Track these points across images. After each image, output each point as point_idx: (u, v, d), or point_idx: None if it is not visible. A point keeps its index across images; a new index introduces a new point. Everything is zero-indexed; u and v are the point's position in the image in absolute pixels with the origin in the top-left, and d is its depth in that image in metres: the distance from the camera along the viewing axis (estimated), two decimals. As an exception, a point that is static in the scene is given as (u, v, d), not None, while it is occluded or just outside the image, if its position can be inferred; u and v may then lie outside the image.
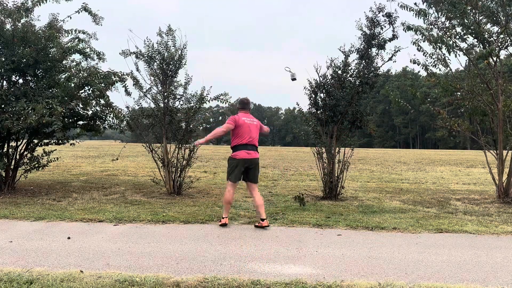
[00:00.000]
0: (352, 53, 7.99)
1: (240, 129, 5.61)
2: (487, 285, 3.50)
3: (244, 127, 5.61)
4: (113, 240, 4.79)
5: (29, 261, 3.96)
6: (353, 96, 7.78)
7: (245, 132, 5.60)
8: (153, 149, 8.37)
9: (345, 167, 7.98)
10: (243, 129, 5.61)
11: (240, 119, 5.63)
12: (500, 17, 7.46)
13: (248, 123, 5.65)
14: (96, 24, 8.80)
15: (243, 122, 5.63)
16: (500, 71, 7.78)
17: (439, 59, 7.94)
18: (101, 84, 8.21)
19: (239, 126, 5.62)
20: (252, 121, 5.75)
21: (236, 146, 5.62)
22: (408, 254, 4.39)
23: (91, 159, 20.54)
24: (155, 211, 6.49)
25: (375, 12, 7.77)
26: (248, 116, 5.75)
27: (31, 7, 8.13)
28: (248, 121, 5.67)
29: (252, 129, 5.66)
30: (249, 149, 5.58)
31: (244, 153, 5.55)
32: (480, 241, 5.03)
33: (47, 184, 9.93)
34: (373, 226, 5.66)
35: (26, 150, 8.68)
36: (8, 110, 7.22)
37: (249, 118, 5.74)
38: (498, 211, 7.02)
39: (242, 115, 5.72)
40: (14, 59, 7.53)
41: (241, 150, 5.56)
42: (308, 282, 3.43)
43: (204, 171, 14.43)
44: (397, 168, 18.77)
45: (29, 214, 6.10)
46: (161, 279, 3.43)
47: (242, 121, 5.62)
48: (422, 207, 7.36)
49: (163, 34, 8.28)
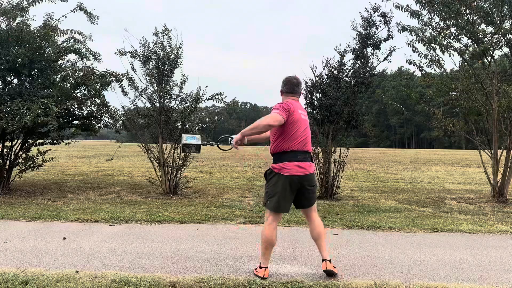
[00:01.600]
0: (348, 53, 8.03)
1: (294, 126, 3.52)
2: (482, 284, 3.52)
3: (300, 124, 3.56)
4: (109, 240, 4.77)
5: (24, 262, 3.94)
6: (349, 96, 7.80)
7: (298, 132, 3.54)
8: (149, 149, 8.36)
9: (341, 167, 8.00)
10: (298, 127, 3.54)
11: (296, 110, 3.55)
12: (494, 17, 7.50)
13: (303, 118, 3.63)
14: (92, 24, 8.78)
15: (299, 117, 3.56)
16: (495, 71, 7.82)
17: (433, 60, 7.98)
18: (97, 84, 8.19)
19: (293, 122, 3.52)
20: (306, 115, 3.72)
21: (281, 154, 3.54)
22: (404, 253, 4.41)
23: (87, 159, 20.48)
24: (151, 211, 6.47)
25: (370, 12, 7.80)
26: (301, 108, 3.68)
27: (27, 6, 8.09)
28: (303, 116, 3.64)
29: (307, 127, 3.66)
30: (302, 159, 3.53)
31: (296, 166, 3.50)
32: (475, 240, 5.06)
33: (42, 184, 9.88)
34: (369, 225, 5.68)
35: (21, 150, 8.64)
36: (3, 110, 7.18)
37: (302, 110, 3.68)
38: (493, 210, 7.07)
39: (294, 103, 3.59)
40: (9, 58, 7.50)
41: (290, 161, 3.50)
42: (304, 282, 3.44)
43: (200, 171, 14.42)
44: (393, 167, 18.84)
45: (24, 215, 6.07)
46: (157, 279, 3.43)
47: (298, 115, 3.55)
48: (417, 207, 7.39)
49: (159, 33, 8.27)
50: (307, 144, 3.60)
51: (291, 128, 3.50)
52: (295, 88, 3.68)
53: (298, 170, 3.49)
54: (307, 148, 3.59)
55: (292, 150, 3.50)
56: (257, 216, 6.25)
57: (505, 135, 7.92)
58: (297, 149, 3.51)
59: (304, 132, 3.57)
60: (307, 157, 3.57)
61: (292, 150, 3.50)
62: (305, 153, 3.56)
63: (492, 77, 7.77)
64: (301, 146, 3.53)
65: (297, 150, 3.51)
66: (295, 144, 3.50)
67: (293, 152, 3.50)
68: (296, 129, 3.52)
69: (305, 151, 3.56)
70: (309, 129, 3.67)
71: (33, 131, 8.32)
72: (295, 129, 3.51)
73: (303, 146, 3.55)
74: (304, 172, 3.50)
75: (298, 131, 3.52)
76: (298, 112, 3.56)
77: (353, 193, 9.14)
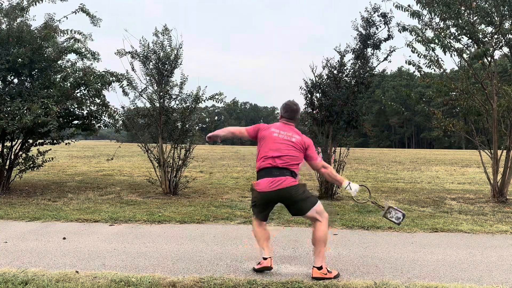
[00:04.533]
0: (348, 53, 8.04)
1: (262, 142, 3.73)
2: (482, 284, 3.52)
3: (268, 141, 3.70)
4: (108, 240, 4.77)
5: (24, 262, 3.94)
6: (348, 96, 7.81)
7: (268, 148, 3.67)
8: (149, 149, 8.35)
9: (341, 167, 8.01)
10: (266, 143, 3.70)
11: (269, 128, 3.79)
12: (494, 18, 7.51)
13: (276, 136, 3.70)
14: (94, 25, 8.76)
15: (269, 134, 3.72)
16: (495, 71, 7.83)
17: (432, 61, 7.98)
18: (97, 84, 8.19)
19: (261, 137, 3.76)
20: (289, 136, 3.72)
21: (258, 170, 3.72)
22: (404, 253, 4.41)
23: (87, 159, 20.48)
24: (151, 211, 6.47)
25: (371, 12, 7.81)
26: (284, 128, 3.78)
27: (27, 6, 8.08)
28: (279, 135, 3.71)
29: (282, 145, 3.66)
30: (275, 175, 3.58)
31: (265, 182, 3.59)
32: (475, 240, 5.06)
33: (42, 184, 9.88)
34: (369, 225, 5.68)
35: (21, 150, 8.64)
36: (3, 110, 7.18)
37: (285, 131, 3.75)
38: (492, 210, 7.07)
39: (276, 125, 3.86)
40: (9, 58, 7.49)
41: (261, 178, 3.64)
42: (304, 282, 3.44)
43: (200, 171, 14.42)
44: (393, 167, 18.84)
45: (24, 215, 6.07)
46: (157, 279, 3.43)
47: (269, 132, 3.74)
48: (417, 207, 7.40)
49: (159, 33, 8.26)
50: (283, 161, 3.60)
51: (260, 144, 3.75)
52: (288, 114, 3.86)
53: (266, 186, 3.58)
54: (282, 165, 3.59)
55: (263, 166, 3.63)
56: (257, 216, 6.25)
57: (505, 135, 7.92)
58: (268, 166, 3.60)
59: (277, 150, 3.62)
60: (281, 172, 3.58)
61: (263, 167, 3.63)
62: (278, 169, 3.59)
63: (492, 77, 7.78)
64: (271, 162, 3.60)
65: (268, 166, 3.60)
66: (265, 161, 3.62)
67: (264, 170, 3.63)
68: (265, 145, 3.69)
69: (277, 167, 3.59)
70: (286, 146, 3.65)
71: (33, 131, 8.31)
72: (263, 146, 3.70)
73: (273, 162, 3.59)
74: (272, 187, 3.56)
75: (266, 147, 3.67)
76: (271, 130, 3.75)
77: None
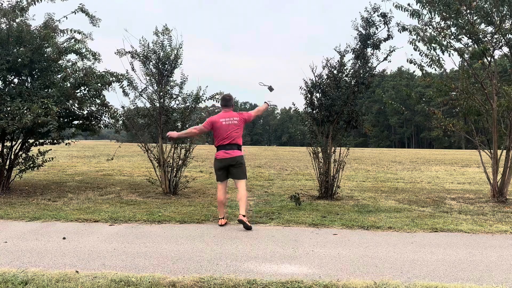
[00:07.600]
0: (348, 53, 8.03)
1: (218, 131, 5.61)
2: (482, 284, 3.52)
3: (221, 129, 5.59)
4: (108, 240, 4.78)
5: (24, 262, 3.94)
6: (348, 96, 7.80)
7: (222, 133, 5.58)
8: (149, 148, 8.36)
9: (341, 167, 8.00)
10: (221, 131, 5.59)
11: (218, 121, 5.61)
12: (494, 17, 7.51)
13: (226, 124, 5.58)
14: (93, 26, 8.76)
15: (220, 125, 5.59)
16: (495, 71, 7.83)
17: (433, 60, 7.98)
18: (98, 84, 8.19)
19: (216, 128, 5.62)
20: (232, 119, 5.63)
21: (217, 147, 5.66)
22: (404, 253, 4.42)
23: (87, 159, 20.47)
24: (151, 211, 6.48)
25: (370, 12, 7.80)
26: (227, 115, 5.65)
27: (26, 6, 8.08)
28: (226, 122, 5.59)
29: (231, 128, 5.58)
30: (228, 149, 5.56)
31: (223, 153, 5.57)
32: (475, 240, 5.06)
33: (42, 184, 9.88)
34: (369, 225, 5.68)
35: (21, 150, 8.64)
36: (3, 110, 7.18)
37: (228, 117, 5.63)
38: (492, 210, 7.07)
39: (221, 115, 5.68)
40: (9, 58, 7.49)
41: (220, 151, 5.61)
42: (304, 281, 3.44)
43: (200, 171, 14.42)
44: (393, 167, 18.84)
45: (24, 214, 6.07)
46: (157, 279, 3.43)
47: (220, 124, 5.59)
48: (417, 207, 7.40)
49: (159, 33, 8.26)
50: (233, 139, 5.57)
51: (216, 132, 5.63)
52: (227, 103, 5.77)
53: (224, 155, 5.58)
54: (233, 142, 5.58)
55: (221, 144, 5.59)
56: (257, 216, 6.25)
57: (505, 135, 7.91)
58: (224, 143, 5.58)
59: (228, 132, 5.57)
60: (232, 147, 5.58)
61: (221, 144, 5.59)
62: (230, 145, 5.57)
63: (492, 77, 7.78)
64: (226, 141, 5.56)
65: (224, 143, 5.57)
66: (223, 141, 5.59)
67: (222, 146, 5.60)
68: (220, 132, 5.59)
69: (230, 144, 5.57)
70: (234, 129, 5.59)
71: (33, 131, 8.31)
72: (219, 133, 5.60)
73: (228, 141, 5.56)
74: (228, 156, 5.57)
75: (222, 134, 5.58)
76: (220, 121, 5.61)
77: (353, 193, 9.14)
